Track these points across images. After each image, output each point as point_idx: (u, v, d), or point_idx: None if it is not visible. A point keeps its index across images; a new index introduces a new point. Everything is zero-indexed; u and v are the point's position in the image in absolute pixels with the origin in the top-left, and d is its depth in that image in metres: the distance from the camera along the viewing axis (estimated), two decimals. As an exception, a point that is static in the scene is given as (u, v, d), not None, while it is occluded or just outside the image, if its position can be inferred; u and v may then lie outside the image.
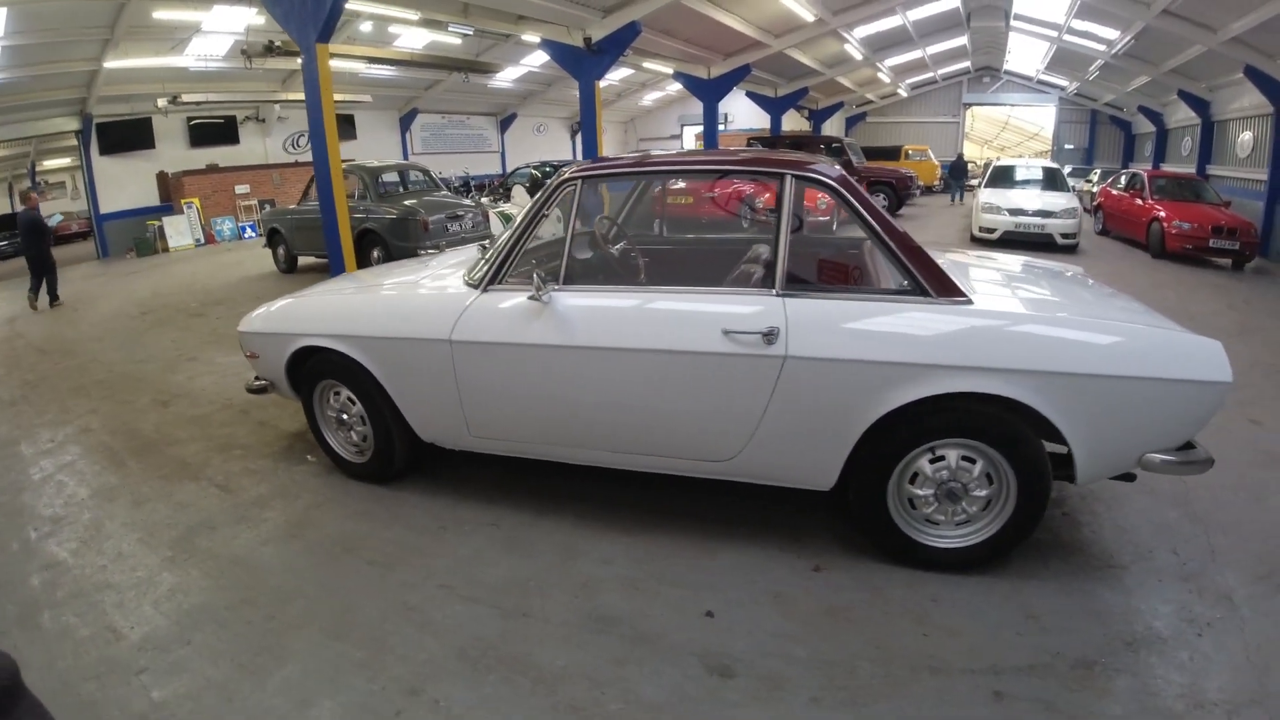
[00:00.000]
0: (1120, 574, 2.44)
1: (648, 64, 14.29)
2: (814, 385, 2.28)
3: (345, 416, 3.27)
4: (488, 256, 2.94)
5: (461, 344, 2.78)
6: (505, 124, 23.60)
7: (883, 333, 2.25)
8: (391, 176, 9.97)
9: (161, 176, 16.67)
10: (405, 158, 21.48)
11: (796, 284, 2.36)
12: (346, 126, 19.55)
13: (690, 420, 2.49)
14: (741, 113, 23.56)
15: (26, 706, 0.37)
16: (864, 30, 15.86)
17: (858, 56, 17.75)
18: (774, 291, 2.34)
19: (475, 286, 2.81)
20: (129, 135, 15.15)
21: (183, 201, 16.37)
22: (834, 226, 6.75)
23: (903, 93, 26.49)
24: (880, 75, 21.87)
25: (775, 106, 19.77)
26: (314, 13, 6.75)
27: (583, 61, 10.45)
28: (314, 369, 3.25)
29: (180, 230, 16.35)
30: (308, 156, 18.79)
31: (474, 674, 2.04)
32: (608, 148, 25.40)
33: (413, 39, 14.50)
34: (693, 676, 2.03)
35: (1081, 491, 2.97)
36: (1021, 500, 2.30)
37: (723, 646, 2.14)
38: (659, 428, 2.57)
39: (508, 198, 11.69)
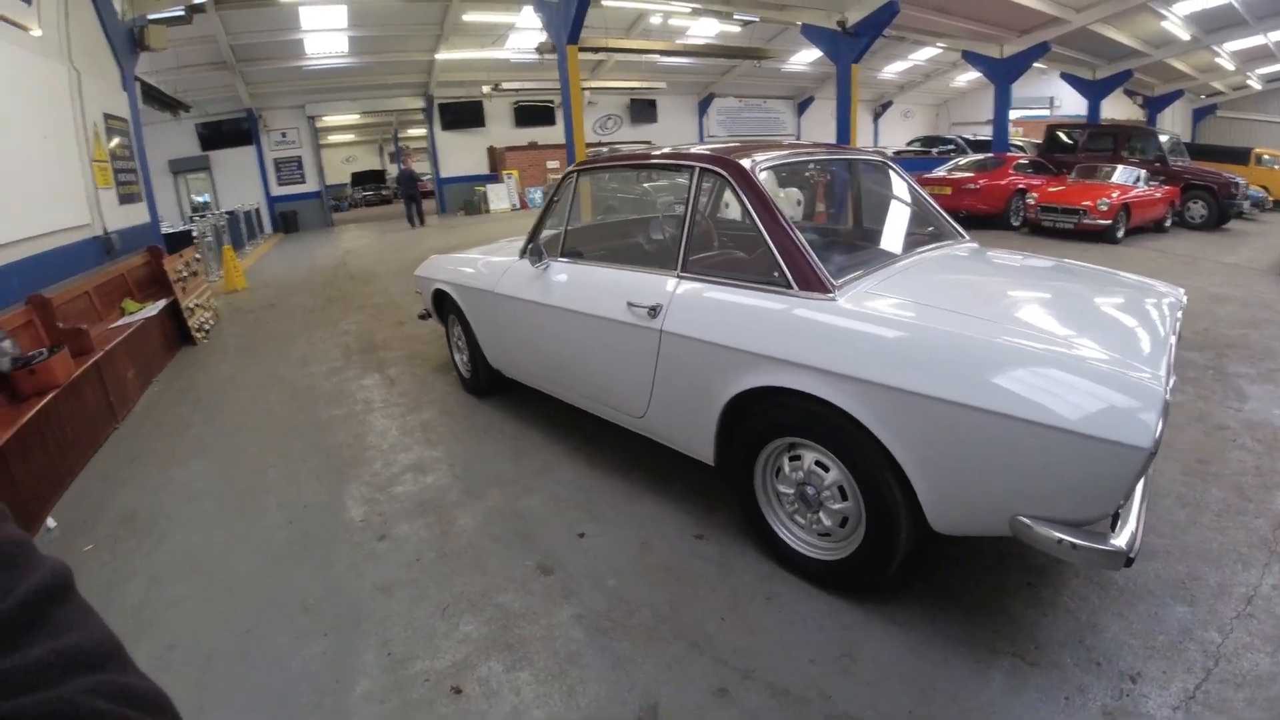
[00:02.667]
0: (999, 665, 1.99)
1: (927, 43, 13.43)
2: (681, 360, 2.54)
3: (460, 344, 4.38)
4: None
5: (499, 295, 3.62)
6: (802, 107, 23.86)
7: (731, 318, 2.39)
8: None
9: (491, 150, 20.56)
10: (700, 140, 23.11)
11: (695, 267, 2.64)
12: (648, 110, 21.79)
13: (611, 376, 2.95)
14: (1069, 97, 20.42)
15: (77, 606, 0.39)
16: (1185, 6, 13.14)
17: (1183, 36, 14.54)
18: (675, 272, 2.67)
19: (519, 255, 3.58)
20: (464, 115, 19.06)
21: (504, 172, 20.02)
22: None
23: (1254, 84, 20.54)
24: (1220, 61, 17.58)
25: (1094, 90, 16.92)
26: (564, 19, 8.12)
27: (839, 45, 10.40)
28: (441, 305, 4.40)
29: (500, 196, 20.05)
30: (614, 138, 21.47)
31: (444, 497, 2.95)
32: (918, 131, 24.03)
33: (704, 29, 15.66)
34: (526, 566, 2.61)
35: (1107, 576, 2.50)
36: (869, 526, 2.14)
37: (564, 558, 2.63)
38: (596, 379, 3.09)
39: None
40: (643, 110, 21.47)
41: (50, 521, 3.26)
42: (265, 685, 2.11)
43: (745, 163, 2.54)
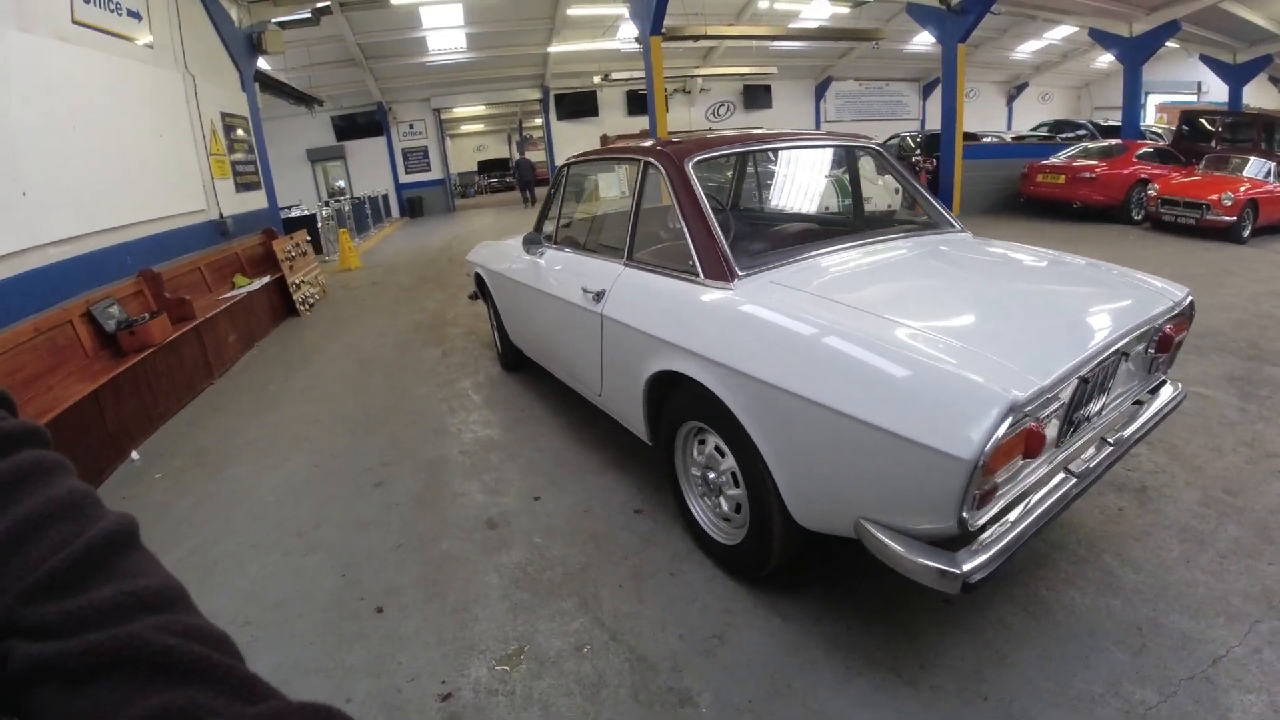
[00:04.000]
0: (869, 676, 1.93)
1: (1055, 20, 12.39)
2: (615, 342, 2.72)
3: (494, 323, 4.85)
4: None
5: (509, 279, 3.98)
6: (928, 89, 22.61)
7: (648, 304, 2.55)
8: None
9: (603, 138, 21.11)
10: (817, 126, 22.55)
11: (639, 256, 2.81)
12: (762, 95, 21.53)
13: (577, 355, 3.20)
14: (1216, 83, 17.96)
15: (142, 553, 0.41)
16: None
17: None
18: (623, 261, 2.86)
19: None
20: (578, 104, 19.69)
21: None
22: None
23: None
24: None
25: (1235, 76, 14.89)
26: (647, 10, 8.37)
27: (945, 23, 9.87)
28: (483, 287, 4.84)
29: (609, 184, 20.58)
30: (727, 124, 21.44)
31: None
32: (1058, 115, 22.15)
33: (817, 11, 15.30)
34: (473, 519, 2.96)
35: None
36: (751, 515, 2.17)
37: (513, 517, 2.93)
38: (569, 358, 3.35)
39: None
40: (757, 96, 21.22)
41: (135, 454, 3.99)
42: (247, 588, 2.61)
43: (675, 155, 2.67)
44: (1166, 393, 2.39)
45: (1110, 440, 2.08)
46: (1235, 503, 2.68)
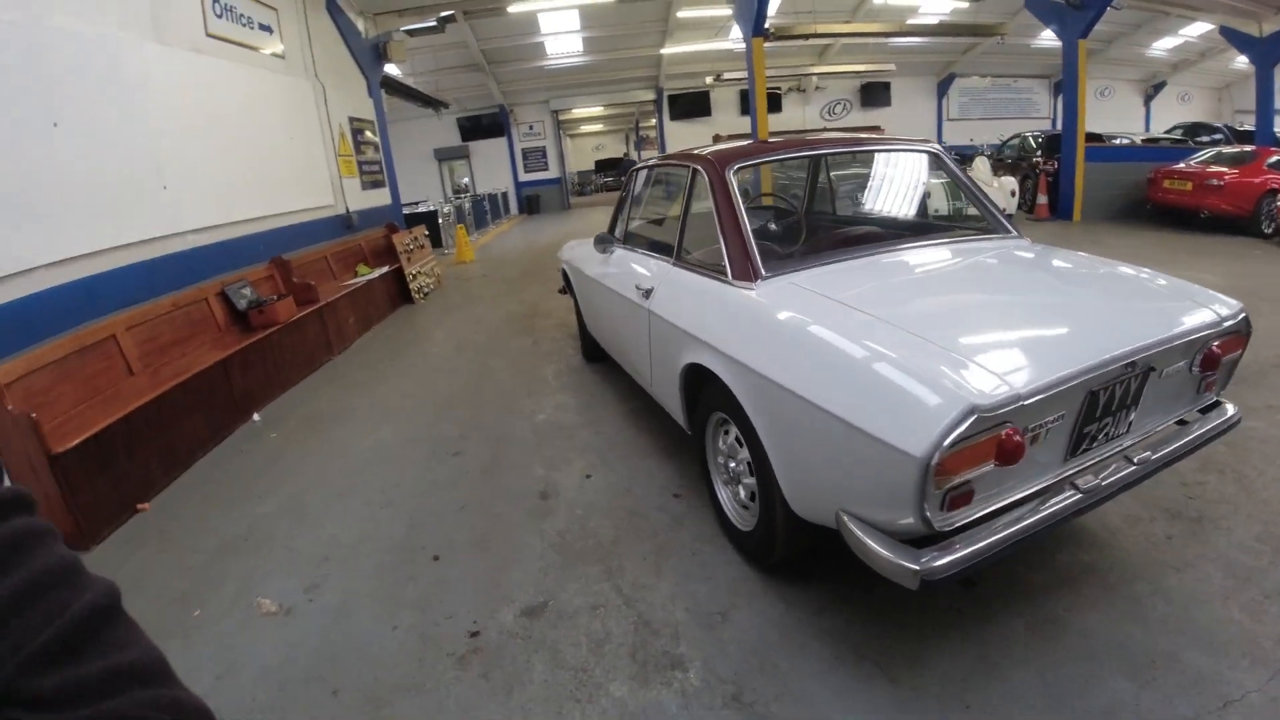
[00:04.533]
0: (853, 668, 1.98)
1: (1187, 16, 11.26)
2: (659, 335, 2.89)
3: (577, 315, 5.15)
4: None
5: (585, 274, 4.25)
6: (1059, 87, 21.08)
7: (683, 301, 2.72)
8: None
9: (715, 138, 21.19)
10: (939, 124, 21.62)
11: (686, 257, 2.96)
12: (881, 93, 20.89)
13: (631, 347, 3.41)
14: None
15: (126, 624, 0.41)
16: None
17: None
18: (672, 261, 3.03)
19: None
20: (691, 105, 19.87)
21: (723, 160, 20.54)
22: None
23: None
24: None
25: None
26: (749, 12, 8.46)
27: (1064, 17, 9.25)
28: (568, 281, 5.16)
29: (671, 189, 20.70)
30: (843, 122, 20.96)
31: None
32: (1197, 116, 20.09)
33: (937, 5, 14.73)
34: (529, 490, 3.25)
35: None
36: (760, 504, 2.28)
37: (563, 491, 3.19)
38: (627, 349, 3.55)
39: (965, 168, 11.31)
40: (875, 94, 20.57)
41: (256, 416, 4.59)
42: (329, 530, 3.05)
43: (718, 163, 2.80)
44: (1218, 415, 2.22)
45: (1135, 460, 1.98)
46: None
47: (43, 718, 0.34)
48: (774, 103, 20.45)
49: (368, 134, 8.50)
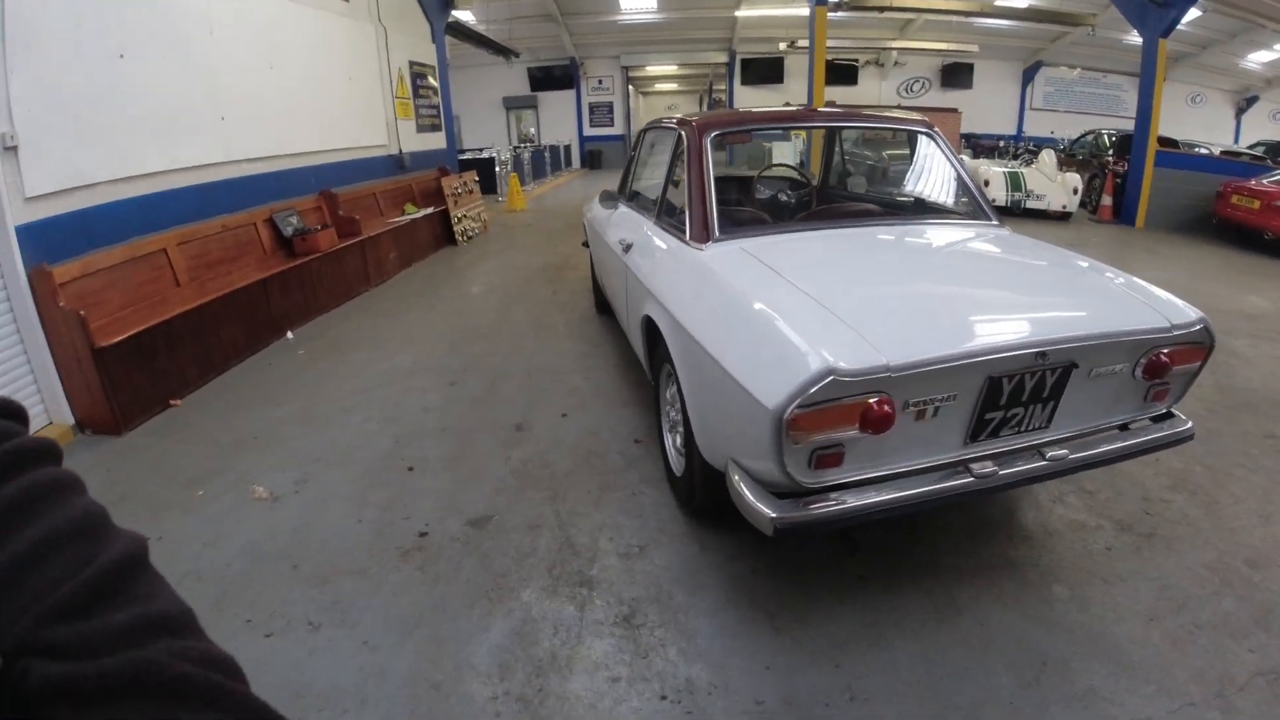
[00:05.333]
0: (742, 611, 2.12)
1: (1276, 31, 10.36)
2: (632, 288, 3.09)
3: (591, 268, 5.36)
4: None
5: (593, 228, 4.45)
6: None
7: (648, 257, 2.90)
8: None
9: (786, 105, 20.74)
10: (1021, 113, 20.66)
11: (664, 217, 3.12)
12: (963, 75, 20.02)
13: (617, 298, 3.62)
14: None
15: (153, 575, 0.41)
16: None
17: None
18: (653, 219, 3.20)
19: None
20: (764, 70, 19.46)
21: (792, 130, 20.13)
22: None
23: None
24: None
25: None
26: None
27: (1145, 13, 8.71)
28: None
29: (784, 153, 20.30)
30: (921, 101, 20.23)
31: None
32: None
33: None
34: (508, 422, 3.52)
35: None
36: (685, 449, 2.42)
37: (536, 426, 3.46)
38: (615, 300, 3.76)
39: (1031, 160, 10.89)
40: (956, 75, 19.68)
41: (290, 334, 5.01)
42: (328, 437, 3.41)
43: (698, 128, 2.91)
44: (1167, 427, 2.19)
45: (1048, 456, 1.99)
46: (1250, 576, 2.29)
47: (65, 666, 0.34)
48: (849, 75, 19.85)
49: (428, 79, 8.77)
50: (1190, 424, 2.24)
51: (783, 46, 17.87)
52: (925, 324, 1.94)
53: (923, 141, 3.39)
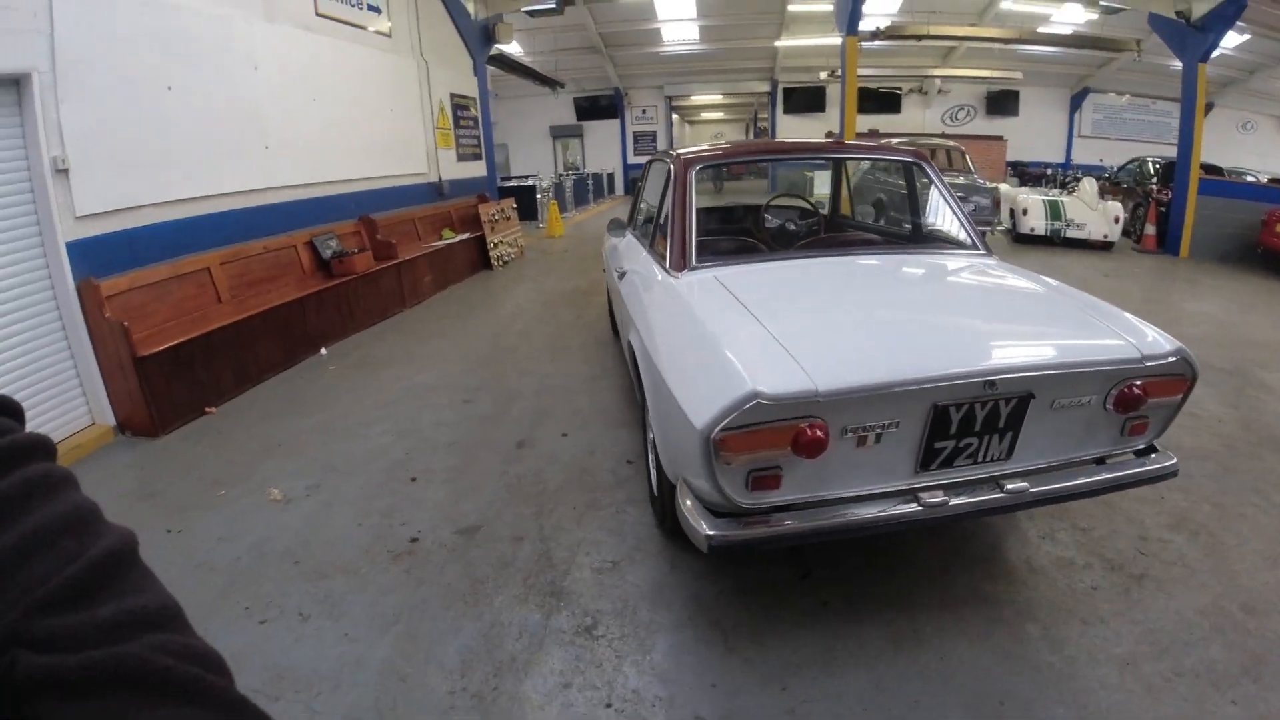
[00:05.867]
0: (685, 626, 2.21)
1: None
2: (622, 311, 3.27)
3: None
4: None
5: (605, 254, 4.63)
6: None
7: (635, 283, 3.06)
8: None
9: (828, 135, 20.79)
10: (1069, 141, 20.26)
11: (656, 247, 3.25)
12: (1008, 102, 19.79)
13: (620, 318, 3.76)
14: None
15: (142, 570, 0.41)
16: None
17: None
18: (646, 248, 3.34)
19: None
20: (805, 99, 19.58)
21: (831, 158, 20.16)
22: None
23: None
24: None
25: None
26: (845, 10, 8.42)
27: (1184, 38, 8.54)
28: None
29: (824, 182, 20.29)
30: (965, 129, 20.04)
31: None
32: None
33: (1070, 15, 13.83)
34: (511, 439, 3.66)
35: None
36: (656, 468, 2.48)
37: (538, 444, 3.60)
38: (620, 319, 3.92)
39: (1072, 188, 10.69)
40: (1002, 102, 19.44)
41: (323, 351, 5.30)
42: (345, 448, 3.62)
43: (685, 162, 3.05)
44: (1145, 462, 2.14)
45: (1006, 488, 1.97)
46: (1245, 623, 2.17)
47: (50, 657, 0.34)
48: (892, 103, 19.81)
49: (469, 110, 9.18)
50: (1174, 460, 2.16)
51: (824, 75, 17.97)
52: (868, 351, 1.98)
53: (915, 172, 3.47)
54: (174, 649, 0.37)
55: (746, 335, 2.02)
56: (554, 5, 10.74)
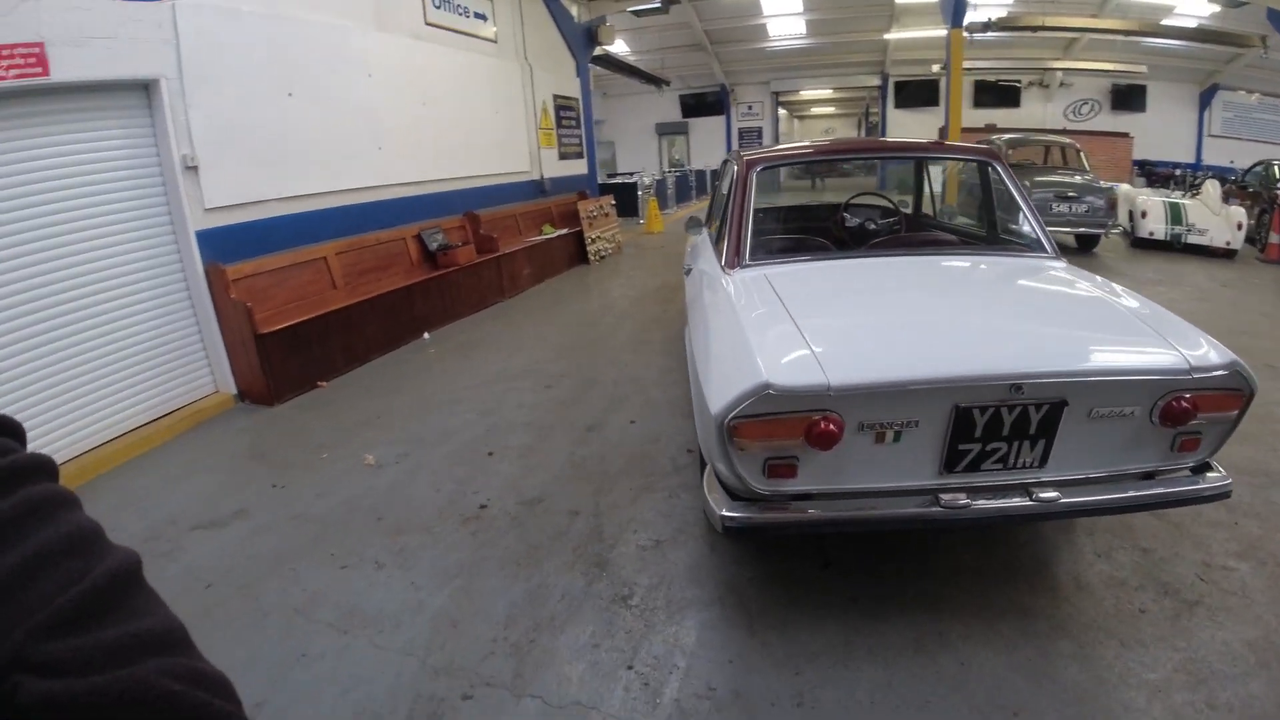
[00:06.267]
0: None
1: None
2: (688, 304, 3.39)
3: None
4: None
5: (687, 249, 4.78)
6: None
7: (695, 279, 3.18)
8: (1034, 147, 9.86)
9: (940, 131, 19.83)
10: (1199, 140, 18.36)
11: (721, 245, 3.33)
12: (1134, 97, 18.19)
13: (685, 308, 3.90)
14: None
15: (146, 592, 0.40)
16: None
17: None
18: (712, 245, 3.43)
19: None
20: (918, 93, 18.76)
21: (944, 154, 19.22)
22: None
23: None
24: None
25: None
26: (949, 4, 8.10)
27: None
28: None
29: (935, 178, 19.38)
30: (1089, 125, 18.58)
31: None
32: None
33: (1194, 7, 12.53)
34: (582, 424, 3.86)
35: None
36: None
37: (606, 431, 3.79)
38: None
39: (1194, 191, 9.74)
40: (1127, 97, 17.69)
41: (426, 335, 5.75)
42: (437, 421, 3.96)
43: (749, 162, 3.11)
44: (1195, 481, 2.01)
45: (1036, 496, 1.93)
46: None
47: (55, 682, 0.33)
48: (1012, 97, 18.60)
49: (571, 110, 9.53)
50: (1229, 480, 2.03)
51: (936, 69, 17.14)
52: (892, 349, 1.99)
53: (988, 171, 3.36)
54: (180, 673, 0.37)
55: (776, 331, 2.09)
56: (659, 4, 10.88)
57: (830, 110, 34.02)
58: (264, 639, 2.22)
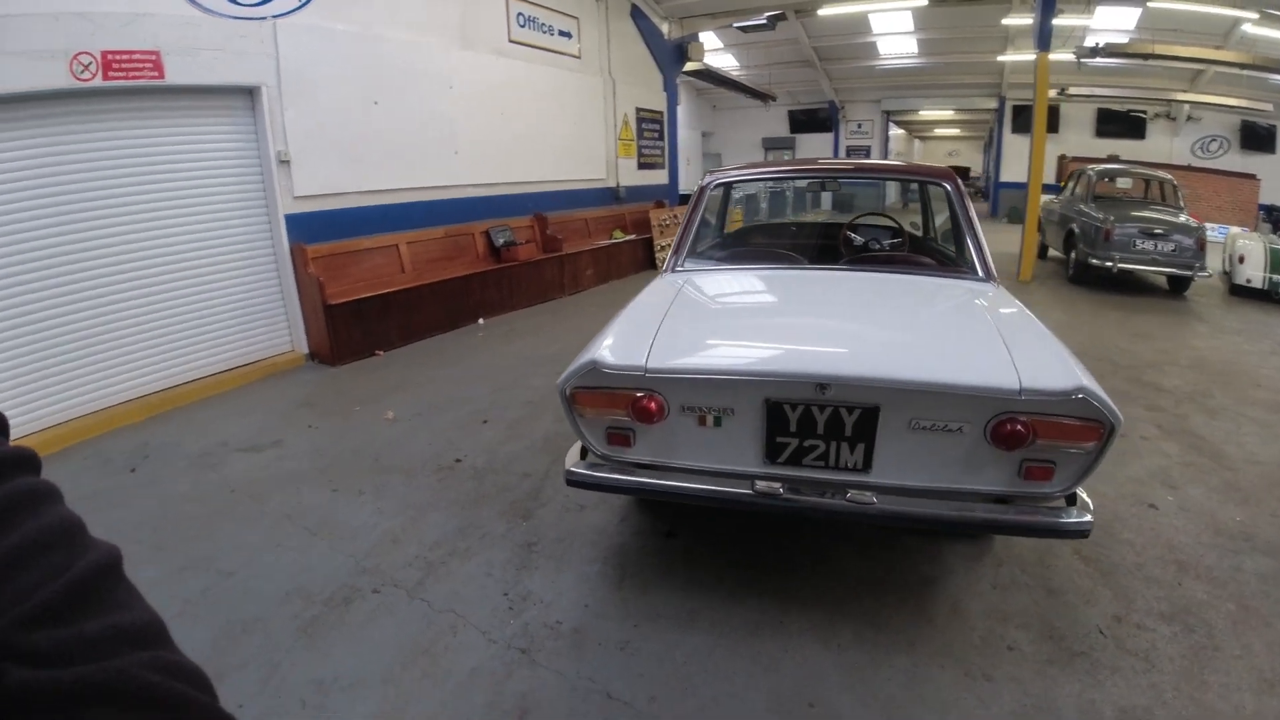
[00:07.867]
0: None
1: None
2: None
3: None
4: None
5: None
6: None
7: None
8: (1124, 181, 9.34)
9: (1060, 159, 18.62)
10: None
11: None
12: (1266, 138, 16.34)
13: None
14: None
15: (126, 586, 0.40)
16: None
17: None
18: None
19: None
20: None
21: (1064, 183, 18.01)
22: None
23: None
24: None
25: None
26: (1036, 27, 7.90)
27: None
28: None
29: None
30: (1217, 163, 16.81)
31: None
32: None
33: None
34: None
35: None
36: None
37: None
38: None
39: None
40: (1257, 137, 15.76)
41: (481, 321, 6.43)
42: (456, 393, 4.57)
43: (708, 176, 3.46)
44: (1041, 511, 1.97)
45: (850, 498, 1.99)
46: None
47: (37, 673, 0.33)
48: (1137, 128, 17.17)
49: (655, 122, 10.01)
50: (1087, 518, 1.93)
51: (1053, 93, 16.14)
52: (722, 345, 2.27)
53: (938, 193, 3.48)
54: (160, 665, 0.37)
55: (642, 320, 2.40)
56: (765, 21, 11.06)
57: (955, 132, 32.45)
58: (256, 531, 2.88)
